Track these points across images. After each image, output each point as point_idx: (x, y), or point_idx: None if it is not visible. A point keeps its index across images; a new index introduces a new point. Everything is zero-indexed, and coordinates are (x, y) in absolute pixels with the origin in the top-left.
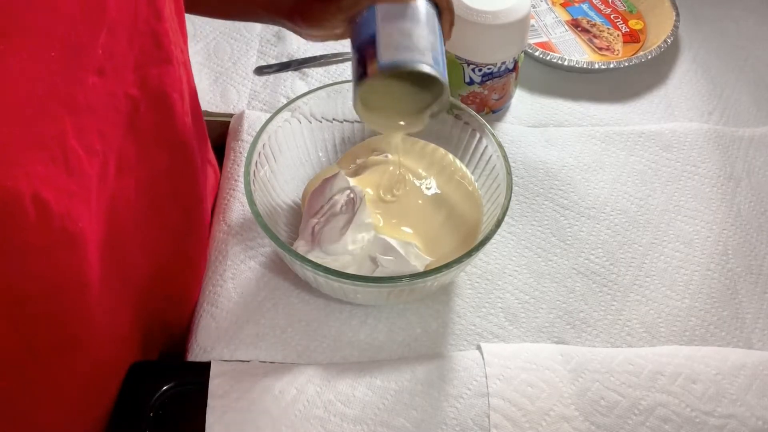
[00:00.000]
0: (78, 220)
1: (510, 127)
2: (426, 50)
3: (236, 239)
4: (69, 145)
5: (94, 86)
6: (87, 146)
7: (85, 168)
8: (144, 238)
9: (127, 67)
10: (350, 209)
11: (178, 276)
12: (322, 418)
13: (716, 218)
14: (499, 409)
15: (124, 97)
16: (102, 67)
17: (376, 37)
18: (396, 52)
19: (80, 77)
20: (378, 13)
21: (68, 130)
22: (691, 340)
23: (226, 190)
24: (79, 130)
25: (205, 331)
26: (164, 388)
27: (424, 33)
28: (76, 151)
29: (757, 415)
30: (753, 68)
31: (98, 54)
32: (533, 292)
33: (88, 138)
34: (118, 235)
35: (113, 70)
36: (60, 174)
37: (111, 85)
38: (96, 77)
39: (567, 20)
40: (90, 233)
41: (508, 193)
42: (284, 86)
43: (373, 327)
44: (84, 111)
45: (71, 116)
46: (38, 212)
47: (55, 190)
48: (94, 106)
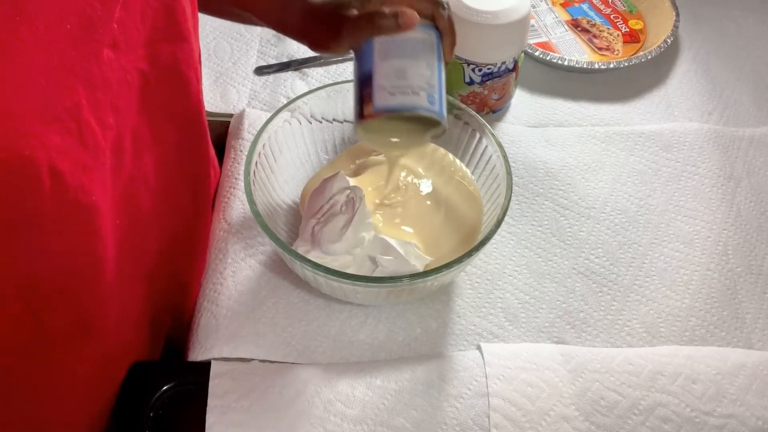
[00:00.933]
0: (92, 193)
1: (510, 127)
2: (421, 89)
3: (236, 238)
4: (84, 117)
5: (109, 61)
6: (101, 120)
7: (99, 142)
8: (157, 217)
9: (138, 41)
10: (350, 209)
11: (183, 258)
12: (322, 417)
13: (716, 218)
14: (499, 409)
15: (136, 71)
16: (116, 41)
17: (372, 77)
18: (390, 96)
19: (96, 51)
20: (375, 48)
21: (83, 103)
22: (691, 340)
23: (227, 189)
24: (94, 104)
25: (206, 329)
26: (164, 388)
27: (420, 69)
28: (90, 125)
29: (757, 415)
30: (753, 68)
31: (113, 28)
32: (533, 292)
33: (102, 112)
34: (135, 214)
35: (126, 44)
36: (75, 146)
37: (123, 60)
38: (110, 51)
39: (567, 20)
40: (104, 208)
41: (508, 193)
42: (284, 86)
43: (373, 327)
44: (99, 84)
45: (86, 89)
46: (53, 183)
47: (69, 161)
48: (109, 80)
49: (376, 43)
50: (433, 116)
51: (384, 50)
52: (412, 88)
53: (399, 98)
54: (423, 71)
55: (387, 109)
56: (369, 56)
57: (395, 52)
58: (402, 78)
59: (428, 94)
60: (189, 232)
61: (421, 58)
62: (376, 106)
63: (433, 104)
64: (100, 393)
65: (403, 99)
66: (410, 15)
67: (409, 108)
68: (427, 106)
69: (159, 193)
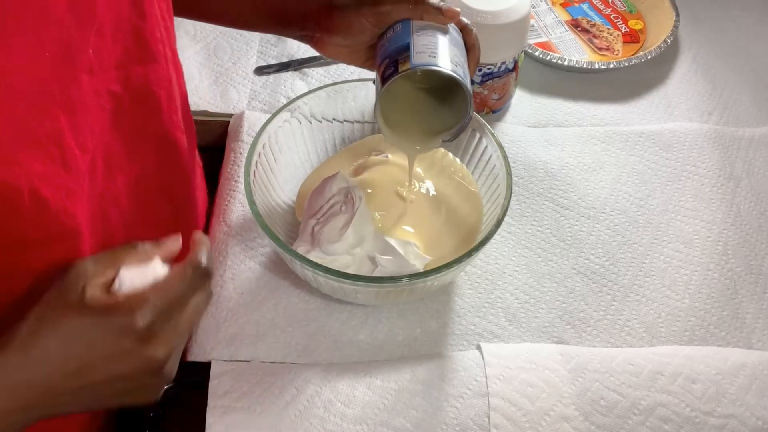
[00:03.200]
0: (75, 217)
1: (510, 127)
2: (457, 64)
3: (236, 239)
4: (66, 142)
5: (86, 86)
6: (81, 144)
7: (80, 165)
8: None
9: (110, 64)
10: (350, 209)
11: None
12: (322, 417)
13: (716, 218)
14: (499, 409)
15: (107, 94)
16: (92, 65)
17: (411, 45)
18: (430, 58)
19: (75, 76)
20: (413, 27)
21: (64, 128)
22: (691, 340)
23: (226, 191)
24: (75, 128)
25: (205, 331)
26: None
27: (454, 50)
28: (72, 149)
29: (756, 415)
30: (753, 68)
31: (89, 54)
32: (533, 292)
33: (82, 136)
34: (108, 233)
35: (99, 68)
36: (58, 171)
37: (97, 83)
38: (87, 76)
39: (567, 20)
40: (85, 229)
41: (508, 193)
42: (284, 86)
43: (373, 327)
44: (78, 109)
45: (67, 115)
46: (36, 208)
47: (53, 186)
48: (87, 104)
49: (414, 24)
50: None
51: (422, 29)
52: (451, 59)
53: (438, 60)
54: (458, 54)
55: (425, 65)
56: (405, 33)
57: (434, 32)
58: (441, 49)
59: (463, 72)
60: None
61: (454, 45)
62: (414, 63)
63: (466, 81)
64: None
65: (442, 61)
66: (454, 9)
67: (448, 69)
68: (462, 79)
69: (132, 213)
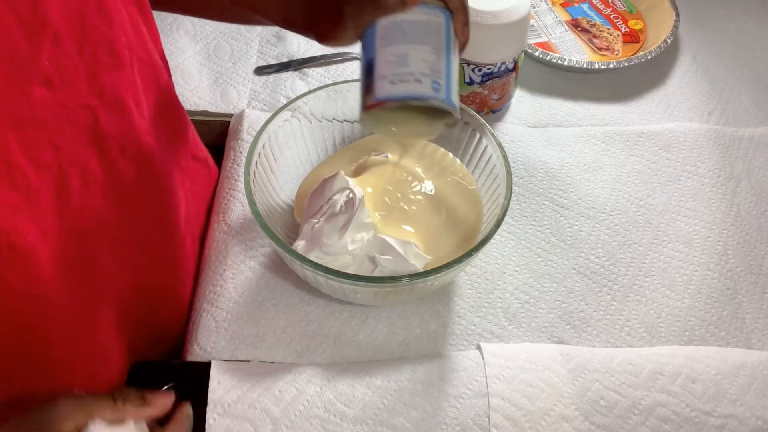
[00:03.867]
0: (26, 235)
1: (510, 127)
2: (424, 76)
3: (236, 239)
4: (14, 160)
5: (42, 98)
6: (35, 160)
7: (34, 183)
8: (118, 249)
9: (79, 77)
10: (350, 209)
11: (162, 283)
12: (322, 417)
13: (716, 218)
14: (499, 409)
15: (81, 108)
16: (50, 78)
17: (375, 65)
18: (391, 86)
19: (24, 90)
20: (377, 33)
21: (11, 146)
22: (690, 340)
23: (226, 190)
24: (26, 145)
25: (205, 331)
26: (164, 388)
27: (423, 54)
28: (21, 166)
29: (756, 415)
30: (753, 68)
31: (44, 65)
32: (533, 292)
33: (37, 152)
34: (88, 249)
35: (63, 82)
36: (3, 190)
37: (62, 97)
38: (43, 89)
39: (567, 20)
40: (46, 249)
41: (508, 193)
42: (284, 86)
43: (373, 327)
44: (30, 124)
45: (14, 130)
46: None
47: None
48: (44, 118)
49: (379, 28)
50: (436, 104)
51: (386, 35)
52: (414, 75)
53: (400, 87)
54: (427, 56)
55: (387, 99)
56: (371, 43)
57: (398, 37)
58: (404, 64)
59: (432, 80)
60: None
61: (426, 41)
62: (377, 96)
63: (438, 91)
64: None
65: (405, 87)
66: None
67: (410, 97)
68: (430, 94)
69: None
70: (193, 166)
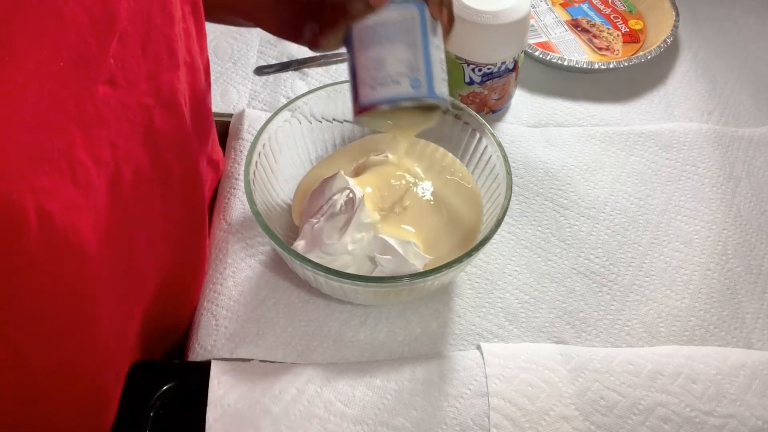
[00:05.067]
0: (82, 232)
1: (510, 127)
2: (402, 76)
3: (236, 238)
4: (77, 157)
5: (106, 97)
6: (96, 157)
7: (93, 180)
8: (155, 246)
9: (140, 76)
10: (350, 209)
11: (182, 281)
12: (322, 417)
13: (716, 218)
14: (499, 409)
15: (138, 107)
16: (113, 77)
17: (356, 72)
18: (371, 91)
19: (90, 88)
20: (354, 38)
21: (76, 143)
22: (690, 340)
23: (227, 189)
24: (89, 142)
25: (206, 329)
26: (164, 388)
27: (397, 53)
28: (84, 164)
29: (756, 415)
30: (753, 68)
31: (109, 63)
32: (533, 292)
33: (98, 149)
34: (132, 246)
35: (126, 80)
36: (66, 186)
37: (124, 96)
38: (107, 87)
39: (567, 20)
40: (97, 245)
41: (508, 193)
42: (284, 86)
43: (373, 327)
44: (94, 122)
45: (80, 128)
46: (42, 225)
47: (59, 202)
48: (106, 117)
49: (354, 32)
50: (418, 102)
51: (361, 40)
52: (392, 77)
53: (380, 91)
54: (401, 54)
55: (370, 104)
56: (350, 49)
57: (371, 40)
58: (380, 68)
59: (411, 78)
60: (186, 255)
61: (400, 39)
62: (361, 103)
63: (418, 87)
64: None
65: (384, 91)
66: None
67: (390, 99)
68: (410, 93)
69: (158, 226)
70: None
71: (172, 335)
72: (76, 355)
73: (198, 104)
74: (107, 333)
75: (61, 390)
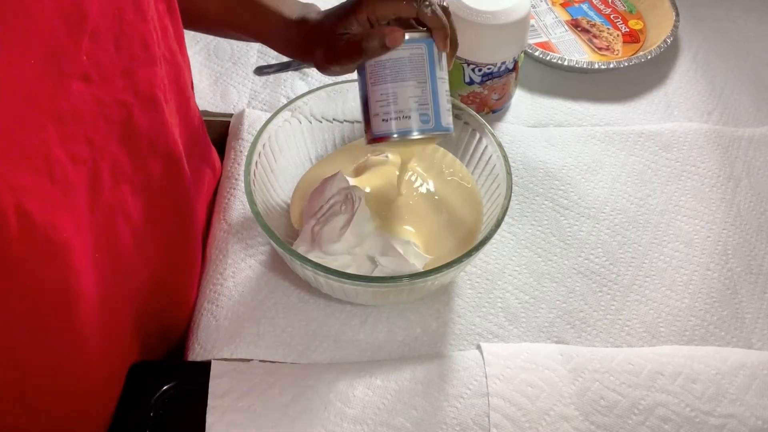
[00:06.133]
0: (63, 230)
1: (510, 127)
2: (412, 111)
3: (236, 238)
4: (53, 154)
5: (80, 93)
6: (73, 155)
7: (71, 177)
8: (141, 245)
9: (115, 72)
10: (350, 209)
11: (175, 280)
12: (322, 417)
13: (716, 218)
14: (499, 409)
15: (116, 104)
16: (87, 73)
17: (368, 103)
18: (384, 124)
19: (64, 84)
20: (367, 72)
21: (52, 139)
22: (690, 340)
23: (227, 189)
24: (64, 139)
25: (206, 329)
26: (164, 388)
27: (408, 91)
28: (60, 160)
29: (756, 415)
30: (753, 68)
31: (82, 60)
32: (533, 292)
33: (74, 145)
34: (115, 244)
35: (100, 77)
36: (43, 183)
37: (99, 92)
38: (81, 84)
39: (567, 20)
40: (79, 243)
41: (508, 193)
42: (284, 86)
43: (373, 327)
44: (69, 118)
45: (55, 124)
46: (21, 224)
47: (38, 200)
48: (81, 113)
49: (368, 67)
50: (427, 135)
51: (374, 75)
52: (403, 113)
53: (392, 124)
54: (412, 92)
55: (382, 136)
56: (363, 81)
57: (384, 77)
58: (393, 103)
59: (420, 114)
60: (178, 254)
61: (409, 78)
62: (374, 133)
63: (427, 122)
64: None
65: (396, 125)
66: (395, 34)
67: (401, 133)
68: (419, 128)
69: (142, 221)
70: (201, 167)
71: (170, 335)
72: (60, 354)
73: (184, 101)
74: (93, 331)
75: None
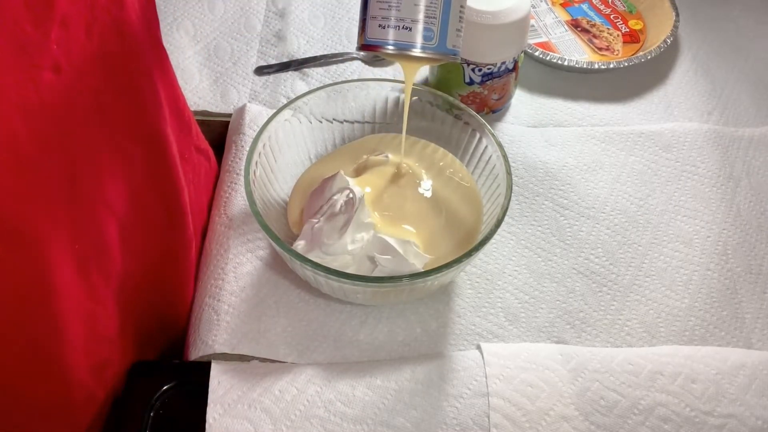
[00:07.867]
0: (35, 222)
1: (510, 127)
2: (416, 22)
3: (237, 233)
4: (21, 148)
5: (51, 83)
6: (44, 146)
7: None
8: (126, 235)
9: (86, 60)
10: (349, 209)
11: (167, 272)
12: (323, 417)
13: (716, 218)
14: (499, 409)
15: (89, 92)
16: (58, 63)
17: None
18: (381, 30)
19: (32, 76)
20: None
21: (21, 132)
22: (690, 340)
23: (228, 184)
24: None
25: (207, 324)
26: (164, 388)
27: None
28: (29, 154)
29: (756, 415)
30: (753, 68)
31: (52, 49)
32: (533, 292)
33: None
34: (98, 235)
35: (71, 66)
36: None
37: (71, 82)
38: (52, 74)
39: (567, 20)
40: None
41: (508, 193)
42: (284, 86)
43: (373, 327)
44: (38, 110)
45: (23, 117)
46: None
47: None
48: (53, 104)
49: None
50: (427, 54)
51: None
52: (404, 22)
53: (389, 33)
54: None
55: (375, 45)
56: None
57: None
58: (395, 8)
59: (424, 27)
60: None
61: None
62: (367, 39)
63: (430, 39)
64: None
65: (394, 35)
66: None
67: (398, 46)
68: (420, 44)
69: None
70: (196, 157)
71: (169, 330)
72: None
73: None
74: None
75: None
